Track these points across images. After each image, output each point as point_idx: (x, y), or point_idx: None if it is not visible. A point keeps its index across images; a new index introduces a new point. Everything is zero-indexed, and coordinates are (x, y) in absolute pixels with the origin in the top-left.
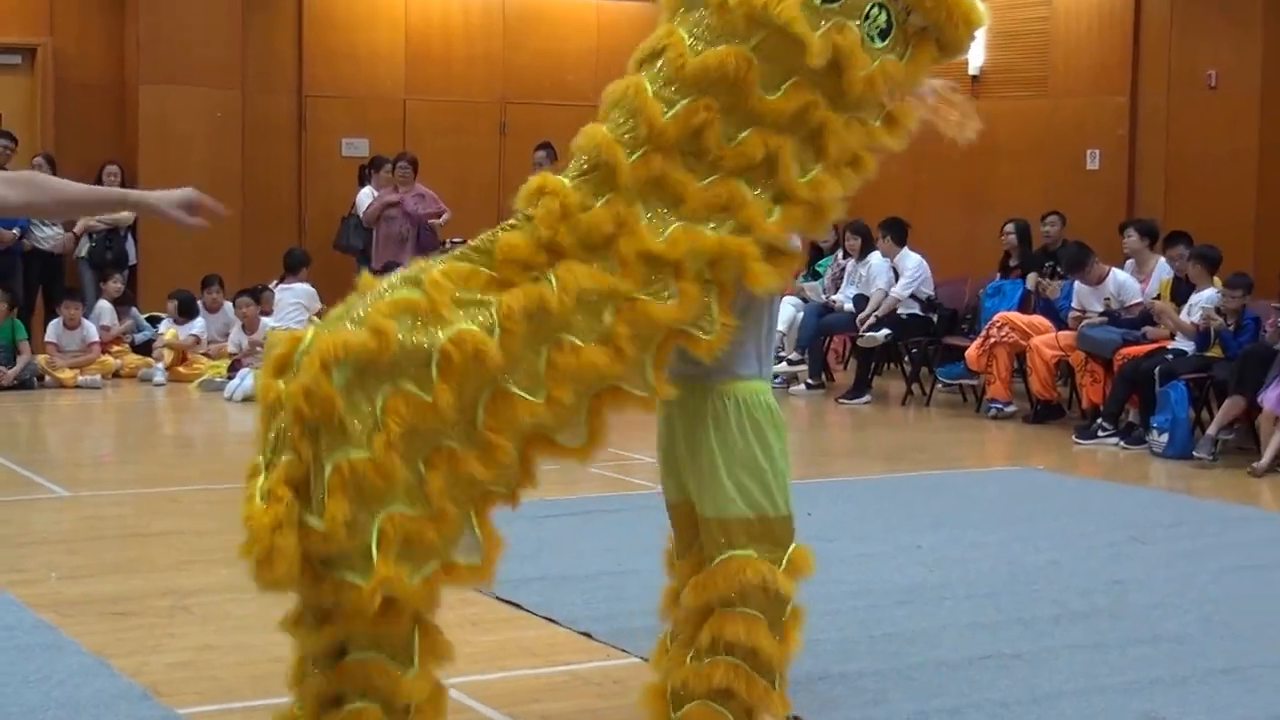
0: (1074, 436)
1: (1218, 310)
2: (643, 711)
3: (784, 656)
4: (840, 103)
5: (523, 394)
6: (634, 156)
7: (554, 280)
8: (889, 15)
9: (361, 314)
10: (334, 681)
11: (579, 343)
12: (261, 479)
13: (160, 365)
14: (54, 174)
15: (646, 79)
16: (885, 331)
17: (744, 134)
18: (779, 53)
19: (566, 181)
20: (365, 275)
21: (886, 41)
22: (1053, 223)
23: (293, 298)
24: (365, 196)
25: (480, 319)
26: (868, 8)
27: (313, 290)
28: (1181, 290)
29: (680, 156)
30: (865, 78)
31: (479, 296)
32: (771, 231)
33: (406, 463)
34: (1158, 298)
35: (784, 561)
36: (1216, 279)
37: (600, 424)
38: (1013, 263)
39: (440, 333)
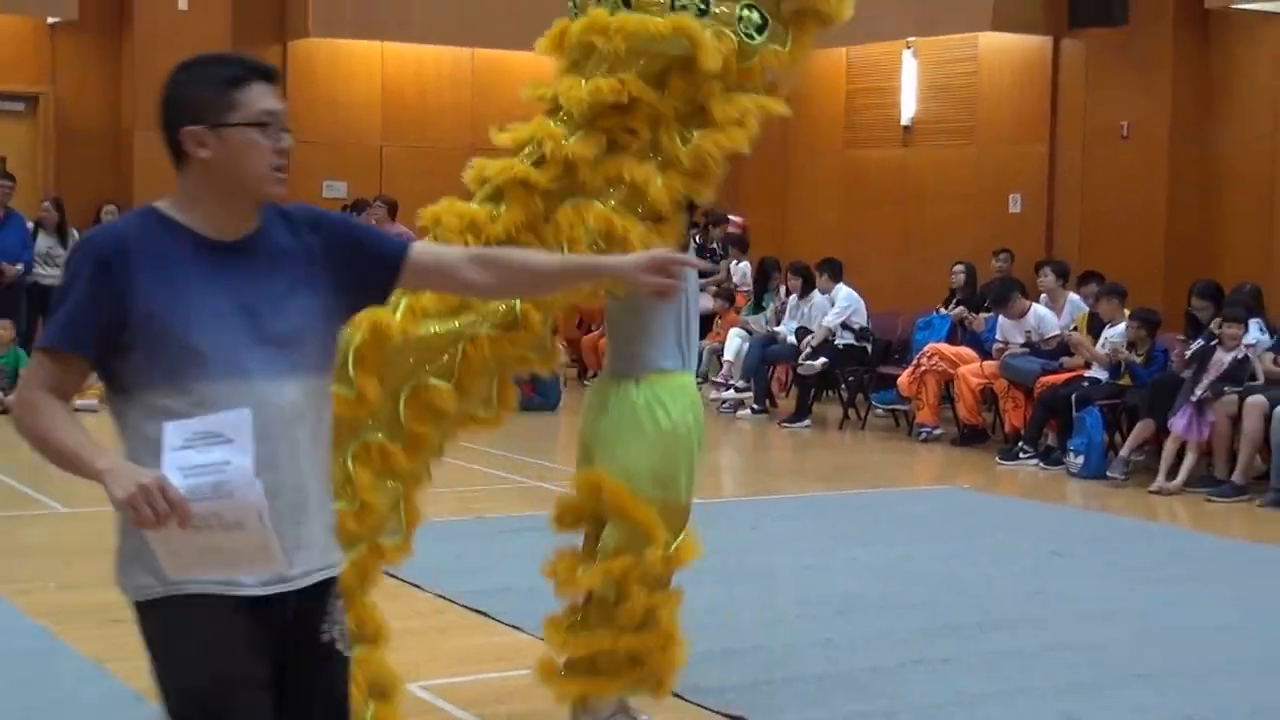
0: (997, 458)
1: (1128, 344)
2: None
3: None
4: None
5: (439, 383)
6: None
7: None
8: (760, 12)
9: None
10: None
11: (492, 333)
12: None
13: None
14: (62, 216)
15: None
16: (822, 360)
17: (631, 116)
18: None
19: (473, 204)
20: None
21: (764, 35)
22: (1003, 259)
23: None
24: None
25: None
26: (738, 11)
27: None
28: (1095, 324)
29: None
30: (745, 69)
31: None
32: (659, 197)
33: (335, 456)
34: (1075, 329)
35: (674, 546)
36: (1126, 312)
37: (509, 392)
38: (957, 299)
39: (355, 334)
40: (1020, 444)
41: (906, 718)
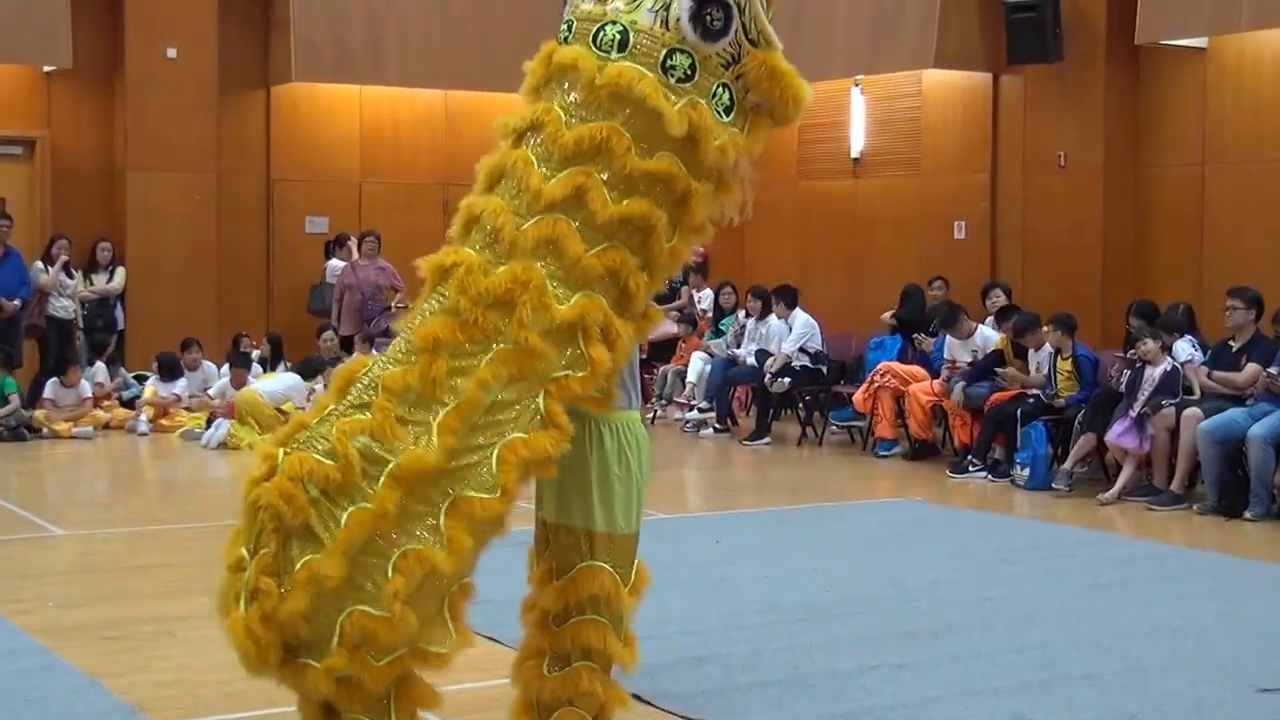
0: (948, 471)
1: (1054, 350)
2: None
3: (627, 657)
4: (698, 173)
5: (479, 494)
6: (526, 224)
7: (477, 382)
8: (731, 94)
9: (328, 434)
10: None
11: (523, 436)
12: (247, 573)
13: (143, 417)
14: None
15: (530, 151)
16: (787, 380)
17: (628, 201)
18: (644, 130)
19: (471, 252)
20: (337, 372)
21: (731, 117)
22: (938, 286)
23: (290, 381)
24: (335, 266)
25: (422, 440)
26: (714, 87)
27: (304, 391)
28: (1018, 348)
29: (567, 219)
30: (719, 146)
31: (415, 414)
32: (642, 298)
33: (370, 567)
34: (999, 351)
35: (632, 575)
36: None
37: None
38: (894, 312)
39: (390, 454)
40: (969, 458)
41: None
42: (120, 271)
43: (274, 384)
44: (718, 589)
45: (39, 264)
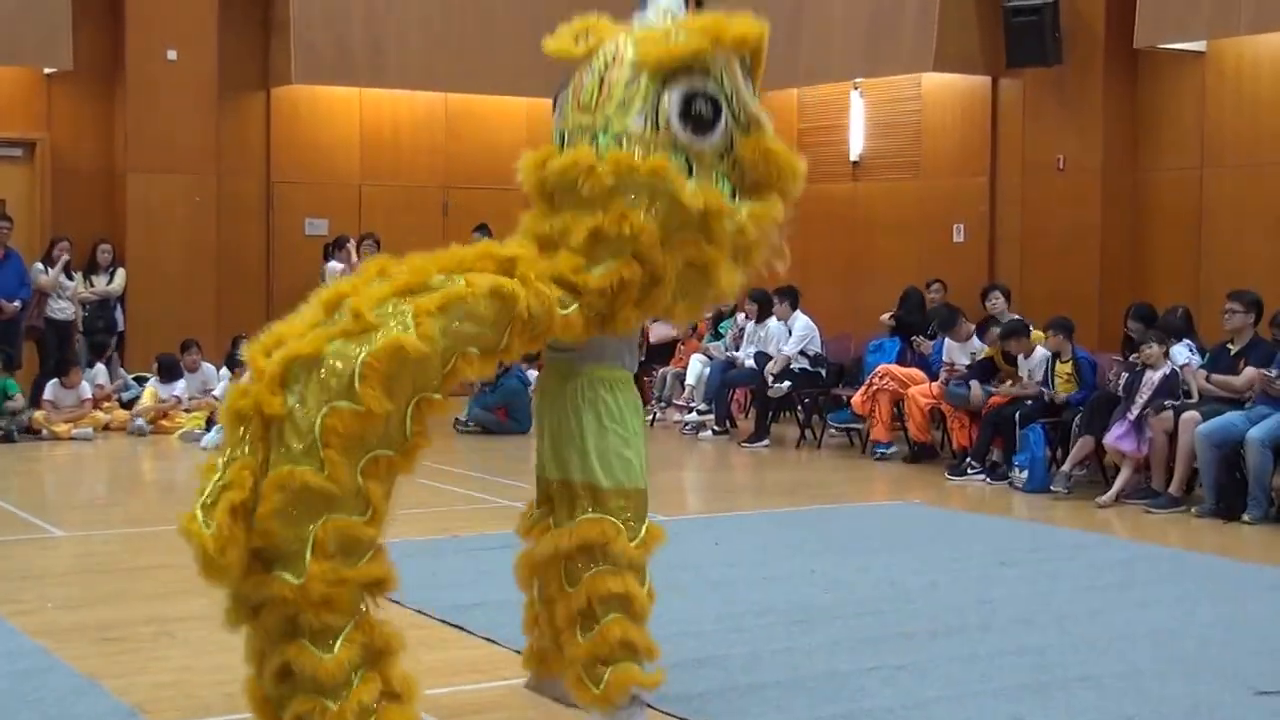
0: (947, 474)
1: (1053, 355)
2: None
3: (649, 606)
4: (720, 246)
5: (438, 397)
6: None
7: (463, 280)
8: (730, 183)
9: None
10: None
11: (476, 353)
12: (219, 474)
13: (141, 419)
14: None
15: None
16: (787, 384)
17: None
18: (671, 217)
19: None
20: (320, 294)
21: (737, 202)
22: (936, 289)
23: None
24: (334, 268)
25: (396, 325)
26: (714, 181)
27: None
28: (1008, 355)
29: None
30: (738, 227)
31: (392, 308)
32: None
33: (344, 468)
34: (989, 358)
35: (643, 532)
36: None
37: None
38: (893, 314)
39: (363, 349)
40: (968, 461)
41: None
42: (120, 273)
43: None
44: (716, 590)
45: (39, 265)
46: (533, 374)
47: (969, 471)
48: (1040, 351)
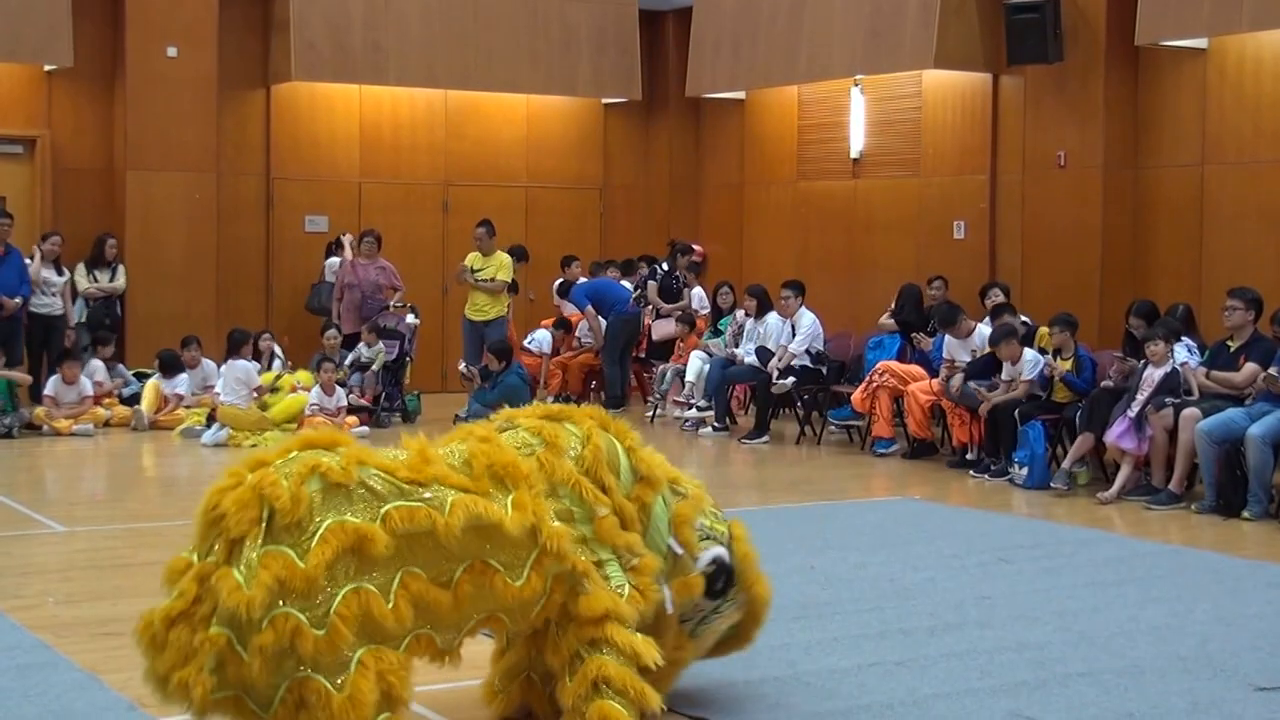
0: (971, 472)
1: (1053, 354)
2: None
3: (646, 649)
4: None
5: (378, 594)
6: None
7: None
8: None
9: (290, 471)
10: None
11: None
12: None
13: (143, 412)
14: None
15: None
16: (791, 380)
17: None
18: None
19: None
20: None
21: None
22: (937, 286)
23: (233, 374)
24: (334, 264)
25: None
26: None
27: (252, 368)
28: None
29: None
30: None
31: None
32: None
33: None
34: (991, 354)
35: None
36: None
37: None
38: (891, 312)
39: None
40: (982, 456)
41: (862, 717)
42: (122, 270)
43: (228, 387)
44: None
45: (36, 249)
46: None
47: (991, 468)
48: (1030, 355)
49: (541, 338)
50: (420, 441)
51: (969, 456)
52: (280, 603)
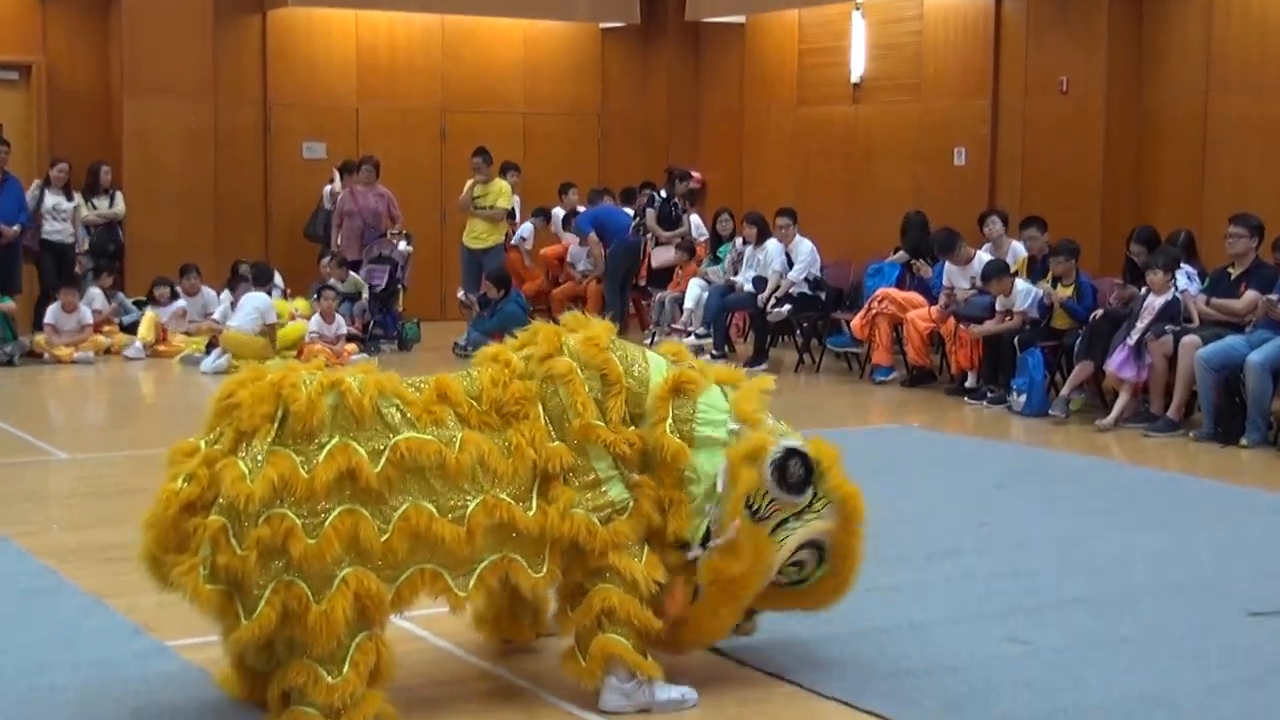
0: (967, 399)
1: (1053, 281)
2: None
3: (648, 579)
4: None
5: (371, 521)
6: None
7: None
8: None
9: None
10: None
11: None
12: (194, 462)
13: (138, 343)
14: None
15: None
16: (787, 308)
17: None
18: None
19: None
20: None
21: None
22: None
23: (253, 304)
24: (329, 190)
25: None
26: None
27: (270, 301)
28: (1036, 268)
29: None
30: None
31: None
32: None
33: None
34: (1016, 273)
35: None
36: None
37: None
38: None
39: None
40: (981, 384)
41: (859, 642)
42: (120, 196)
43: (244, 315)
44: None
45: (36, 182)
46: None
47: (989, 395)
48: (1021, 285)
49: (525, 230)
50: (440, 377)
51: (967, 384)
52: (279, 502)
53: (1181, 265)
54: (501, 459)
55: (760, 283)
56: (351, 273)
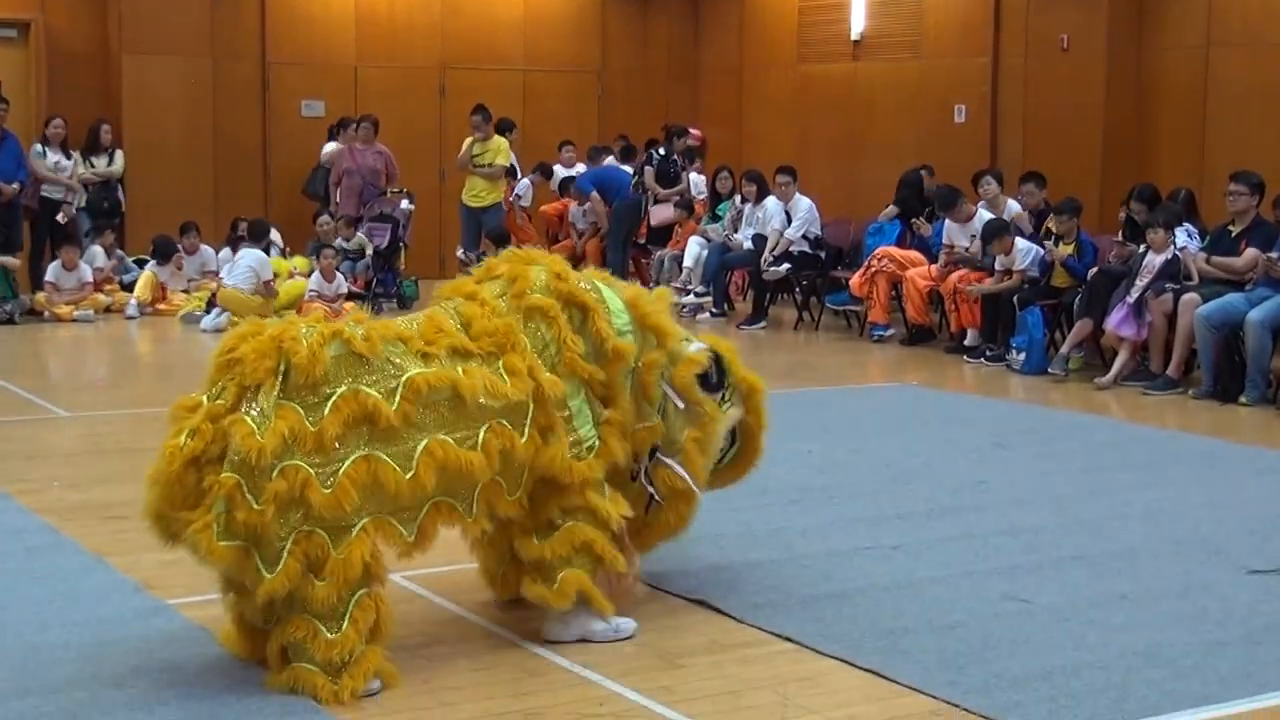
0: (965, 357)
1: (1055, 240)
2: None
3: (618, 516)
4: None
5: (390, 462)
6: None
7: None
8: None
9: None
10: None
11: (449, 441)
12: (197, 417)
13: (134, 301)
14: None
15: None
16: (785, 266)
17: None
18: None
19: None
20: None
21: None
22: (925, 173)
23: (247, 260)
24: (331, 148)
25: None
26: None
27: (265, 259)
28: (1037, 224)
29: None
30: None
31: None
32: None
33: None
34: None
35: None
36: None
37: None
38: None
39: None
40: (980, 342)
41: (858, 600)
42: (119, 154)
43: (239, 272)
44: None
45: (38, 147)
46: None
47: (988, 354)
48: (1021, 244)
49: (522, 187)
50: (431, 312)
51: (967, 342)
52: (291, 455)
53: (1182, 223)
54: (504, 385)
55: (760, 241)
56: (369, 226)
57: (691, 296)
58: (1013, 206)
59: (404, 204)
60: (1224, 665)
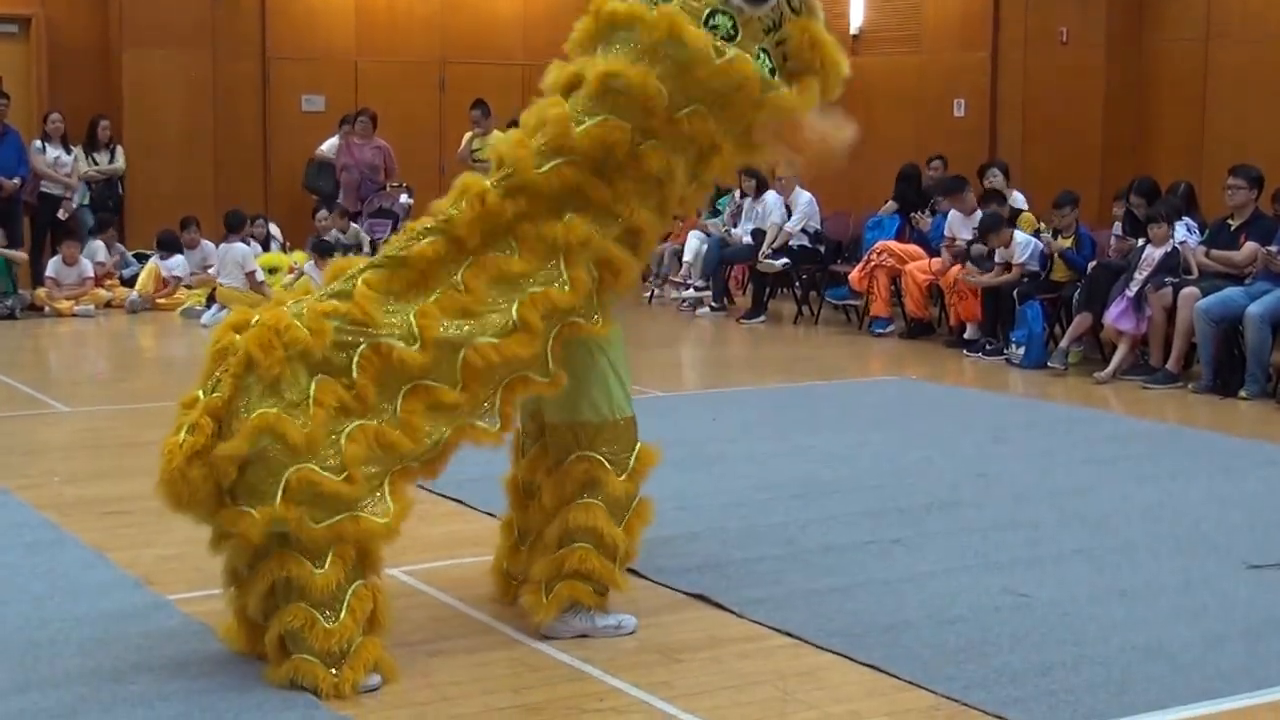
0: (965, 351)
1: (1054, 233)
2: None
3: (626, 541)
4: (731, 126)
5: (439, 385)
6: (547, 166)
7: (463, 283)
8: (771, 60)
9: (302, 310)
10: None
11: (495, 341)
12: (195, 411)
13: (136, 294)
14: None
15: (567, 103)
16: (784, 260)
17: (645, 145)
18: (681, 83)
19: (489, 184)
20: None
21: (776, 79)
22: (936, 166)
23: (232, 257)
24: (332, 142)
25: (399, 327)
26: (755, 51)
27: (248, 252)
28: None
29: (590, 167)
30: (755, 102)
31: (395, 306)
32: (651, 243)
33: (329, 434)
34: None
35: (631, 460)
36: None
37: (510, 410)
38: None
39: (363, 341)
40: (980, 336)
41: (858, 594)
42: (120, 151)
43: (227, 272)
44: (713, 466)
45: (38, 143)
46: None
47: (987, 348)
48: (1020, 237)
49: None
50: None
51: (966, 336)
52: (349, 420)
53: (1181, 217)
54: (517, 262)
55: (759, 235)
56: (352, 224)
57: (691, 291)
58: (1018, 199)
59: (403, 198)
60: (1224, 660)
